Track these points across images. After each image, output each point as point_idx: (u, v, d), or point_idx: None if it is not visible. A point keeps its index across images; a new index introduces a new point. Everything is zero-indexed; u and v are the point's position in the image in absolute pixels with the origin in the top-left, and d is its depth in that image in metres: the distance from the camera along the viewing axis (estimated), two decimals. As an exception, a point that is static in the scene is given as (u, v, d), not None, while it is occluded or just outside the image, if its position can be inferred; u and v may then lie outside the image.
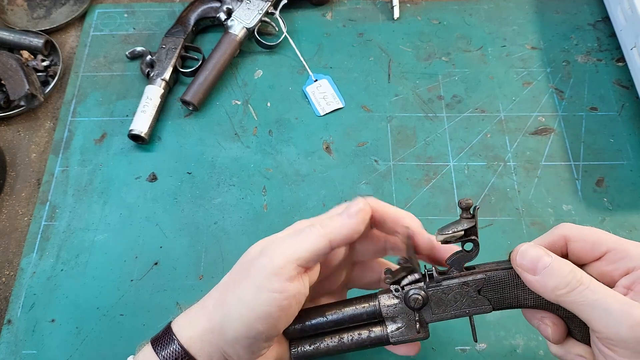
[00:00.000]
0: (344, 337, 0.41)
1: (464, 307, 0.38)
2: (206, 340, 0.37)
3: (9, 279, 0.57)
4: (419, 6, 0.74)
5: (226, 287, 0.38)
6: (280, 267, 0.35)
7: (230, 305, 0.36)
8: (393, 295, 0.39)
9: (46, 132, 0.66)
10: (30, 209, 0.61)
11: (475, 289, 0.38)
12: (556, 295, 0.34)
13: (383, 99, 0.66)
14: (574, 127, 0.63)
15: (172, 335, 0.38)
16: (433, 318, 0.39)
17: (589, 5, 0.72)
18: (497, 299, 0.38)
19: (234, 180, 0.61)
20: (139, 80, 0.68)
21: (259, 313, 0.35)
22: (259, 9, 0.69)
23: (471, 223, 0.36)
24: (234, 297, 0.36)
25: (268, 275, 0.35)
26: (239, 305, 0.36)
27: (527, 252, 0.35)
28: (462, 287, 0.38)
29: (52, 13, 0.75)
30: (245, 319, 0.36)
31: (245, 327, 0.36)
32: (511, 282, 0.37)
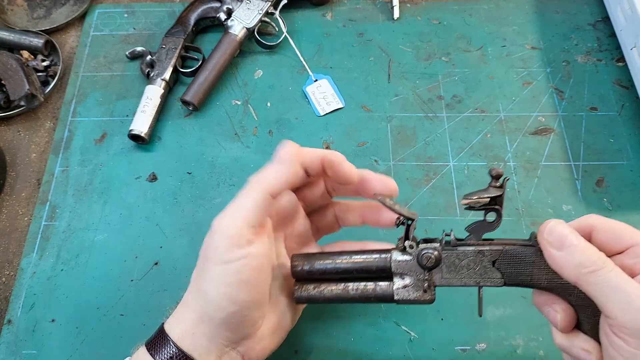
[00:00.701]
0: (349, 286, 0.40)
1: (476, 276, 0.38)
2: (199, 333, 0.38)
3: (9, 279, 0.57)
4: (419, 6, 0.74)
5: (197, 277, 0.39)
6: (234, 236, 0.36)
7: (207, 290, 0.37)
8: (406, 251, 0.39)
9: (46, 132, 0.66)
10: (30, 209, 0.61)
11: (490, 260, 0.37)
12: (578, 274, 0.33)
13: (383, 99, 0.66)
14: (574, 127, 0.63)
15: (166, 336, 0.38)
16: (442, 282, 0.38)
17: (589, 5, 0.72)
18: (510, 274, 0.37)
19: (234, 180, 0.61)
20: (139, 80, 0.68)
21: (235, 284, 0.36)
22: (259, 9, 0.69)
23: (498, 192, 0.36)
24: (206, 281, 0.37)
25: (226, 248, 0.36)
26: (214, 286, 0.36)
27: (555, 228, 0.35)
28: (477, 255, 0.38)
29: (52, 13, 0.75)
30: (226, 294, 0.36)
31: (229, 302, 0.36)
32: (529, 258, 0.37)
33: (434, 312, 0.53)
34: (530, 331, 0.51)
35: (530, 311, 0.52)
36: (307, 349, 0.52)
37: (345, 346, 0.52)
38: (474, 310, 0.52)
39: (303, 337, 0.52)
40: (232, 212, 0.37)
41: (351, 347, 0.52)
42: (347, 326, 0.52)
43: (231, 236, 0.36)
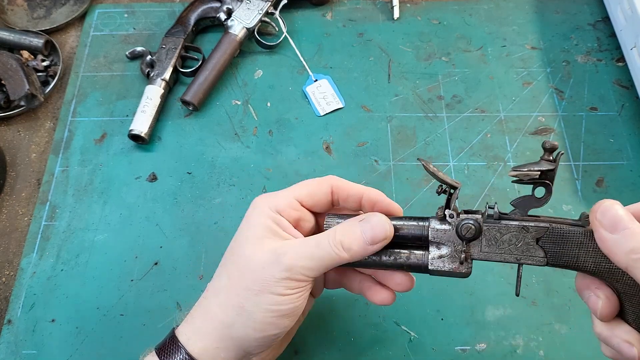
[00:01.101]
0: (383, 252, 0.39)
1: (517, 252, 0.36)
2: (223, 348, 0.38)
3: (9, 279, 0.57)
4: (419, 6, 0.74)
5: (237, 295, 0.38)
6: (302, 281, 0.37)
7: (252, 311, 0.37)
8: (446, 221, 0.37)
9: (46, 132, 0.66)
10: (30, 209, 0.61)
11: (534, 237, 0.35)
12: (629, 259, 0.31)
13: (383, 99, 0.66)
14: (574, 127, 0.63)
15: (178, 345, 0.38)
16: (481, 255, 0.37)
17: (589, 5, 0.72)
18: (554, 253, 0.35)
19: (234, 180, 0.61)
20: (139, 80, 0.68)
21: (286, 310, 0.37)
22: (259, 9, 0.69)
23: (550, 166, 0.34)
24: (255, 304, 0.37)
25: (290, 286, 0.37)
26: (263, 310, 0.37)
27: (610, 209, 0.33)
28: (520, 230, 0.36)
29: (52, 13, 0.75)
30: (273, 319, 0.37)
31: (274, 327, 0.37)
32: (576, 239, 0.34)
33: (434, 312, 0.53)
34: (530, 331, 0.51)
35: (530, 311, 0.52)
36: (307, 349, 0.52)
37: (345, 346, 0.52)
38: (474, 310, 0.53)
39: (303, 337, 0.52)
40: (310, 261, 0.37)
41: (351, 347, 0.52)
42: (347, 326, 0.52)
43: (300, 280, 0.37)
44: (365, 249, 0.38)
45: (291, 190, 0.41)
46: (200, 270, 0.56)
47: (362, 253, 0.38)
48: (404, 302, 0.53)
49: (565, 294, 0.53)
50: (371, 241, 0.37)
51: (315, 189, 0.41)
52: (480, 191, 0.59)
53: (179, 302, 0.54)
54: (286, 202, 0.40)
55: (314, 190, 0.41)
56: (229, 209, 0.60)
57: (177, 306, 0.54)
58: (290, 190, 0.41)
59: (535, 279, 0.54)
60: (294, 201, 0.40)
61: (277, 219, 0.39)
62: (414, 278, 0.41)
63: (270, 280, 0.36)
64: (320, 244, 0.38)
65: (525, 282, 0.54)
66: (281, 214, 0.39)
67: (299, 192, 0.41)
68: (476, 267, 0.54)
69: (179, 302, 0.54)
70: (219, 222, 0.59)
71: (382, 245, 0.38)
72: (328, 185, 0.41)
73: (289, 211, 0.40)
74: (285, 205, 0.40)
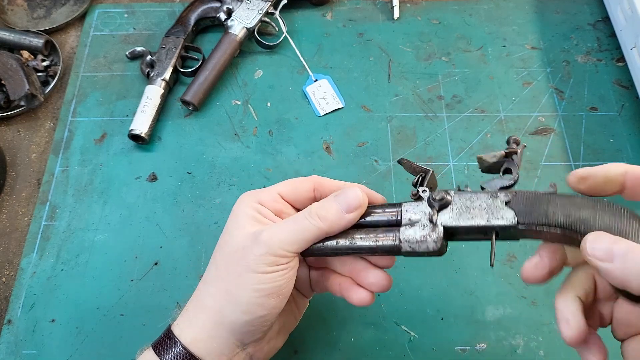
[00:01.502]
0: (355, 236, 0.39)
1: (486, 215, 0.36)
2: (215, 336, 0.38)
3: (9, 279, 0.57)
4: (419, 6, 0.74)
5: (223, 281, 0.39)
6: (281, 256, 0.37)
7: (239, 294, 0.37)
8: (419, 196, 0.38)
9: (46, 132, 0.66)
10: (30, 209, 0.61)
11: (502, 200, 0.36)
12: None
13: (383, 99, 0.66)
14: (574, 127, 0.63)
15: (174, 339, 0.38)
16: (452, 222, 0.36)
17: (589, 5, 0.72)
18: (524, 212, 0.35)
19: (234, 180, 0.61)
20: (139, 80, 0.68)
21: (269, 290, 0.37)
22: (259, 9, 0.69)
23: (513, 150, 0.36)
24: (239, 286, 0.37)
25: (269, 262, 0.37)
26: (248, 291, 0.37)
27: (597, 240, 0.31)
28: (490, 196, 0.36)
29: (52, 13, 0.75)
30: (259, 299, 0.37)
31: (260, 307, 0.37)
32: (544, 198, 0.35)
33: (434, 312, 0.53)
34: (530, 331, 0.51)
35: (530, 311, 0.52)
36: (307, 349, 0.52)
37: (345, 346, 0.52)
38: (474, 310, 0.53)
39: (303, 337, 0.52)
40: (287, 234, 0.38)
41: (351, 347, 0.52)
42: (347, 326, 0.53)
43: (278, 255, 0.37)
44: (340, 217, 0.38)
45: (274, 186, 0.42)
46: (200, 270, 0.56)
47: (338, 222, 0.38)
48: (404, 302, 0.53)
49: (565, 294, 0.53)
50: (346, 209, 0.38)
51: (297, 185, 0.42)
52: (480, 191, 0.59)
53: (179, 302, 0.54)
54: (269, 195, 0.41)
55: (296, 186, 0.42)
56: (229, 209, 0.59)
57: (177, 306, 0.54)
58: (274, 186, 0.42)
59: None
60: (277, 195, 0.41)
61: (259, 208, 0.40)
62: (391, 277, 0.41)
63: (250, 259, 0.37)
64: (297, 218, 0.39)
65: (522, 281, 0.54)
66: (264, 204, 0.41)
67: (282, 187, 0.42)
68: (476, 268, 0.54)
69: (179, 302, 0.54)
70: (219, 222, 0.59)
71: (358, 214, 0.39)
72: (310, 182, 0.42)
73: (271, 203, 0.41)
74: (268, 198, 0.41)
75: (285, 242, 0.38)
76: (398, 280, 0.54)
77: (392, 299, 0.54)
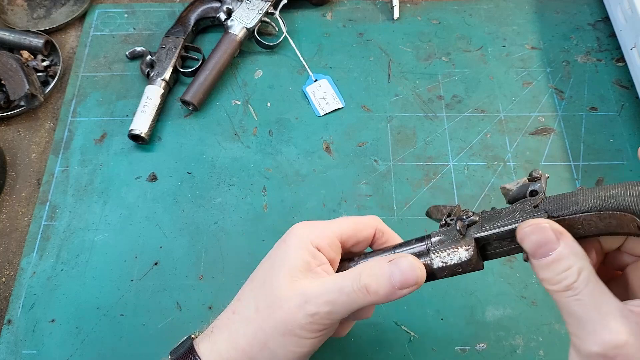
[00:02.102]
0: None
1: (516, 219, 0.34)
2: None
3: (9, 279, 0.57)
4: (419, 6, 0.74)
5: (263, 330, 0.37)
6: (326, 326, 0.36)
7: (278, 352, 0.37)
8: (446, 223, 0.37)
9: (46, 132, 0.66)
10: (30, 209, 0.61)
11: (531, 205, 0.34)
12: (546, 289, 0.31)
13: (383, 99, 0.66)
14: (574, 127, 0.63)
15: (195, 356, 0.38)
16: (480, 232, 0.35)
17: (589, 5, 0.72)
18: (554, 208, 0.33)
19: (234, 180, 0.61)
20: (139, 80, 0.68)
21: (306, 352, 0.37)
22: (259, 9, 0.69)
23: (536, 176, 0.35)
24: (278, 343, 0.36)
25: (315, 329, 0.36)
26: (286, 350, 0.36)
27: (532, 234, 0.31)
28: (518, 205, 0.35)
29: (52, 13, 0.75)
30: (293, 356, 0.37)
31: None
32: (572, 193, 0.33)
33: (434, 312, 0.53)
34: (530, 331, 0.51)
35: (530, 311, 0.52)
36: (307, 349, 0.52)
37: (345, 346, 0.52)
38: (474, 310, 0.53)
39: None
40: (334, 305, 0.36)
41: (351, 347, 0.52)
42: (347, 326, 0.53)
43: (323, 323, 0.36)
44: (392, 294, 0.35)
45: (334, 226, 0.39)
46: (200, 270, 0.56)
47: (388, 298, 0.35)
48: (404, 302, 0.53)
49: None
50: (400, 286, 0.35)
51: (359, 228, 0.40)
52: (480, 191, 0.59)
53: (179, 302, 0.54)
54: (327, 239, 0.39)
55: (358, 229, 0.40)
56: (229, 209, 0.60)
57: (177, 306, 0.54)
58: (334, 226, 0.39)
59: (535, 279, 0.54)
60: (336, 241, 0.39)
61: (315, 253, 0.38)
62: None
63: (295, 325, 0.36)
64: (344, 290, 0.36)
65: (525, 282, 0.54)
66: (321, 250, 0.38)
67: (343, 230, 0.39)
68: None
69: (179, 302, 0.54)
70: (219, 222, 0.59)
71: (412, 290, 0.36)
72: (372, 229, 0.40)
73: (327, 250, 0.39)
74: (326, 243, 0.39)
75: (331, 313, 0.36)
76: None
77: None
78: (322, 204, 0.59)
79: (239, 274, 0.55)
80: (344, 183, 0.61)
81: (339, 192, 0.60)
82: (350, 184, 0.61)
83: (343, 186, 0.60)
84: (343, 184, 0.61)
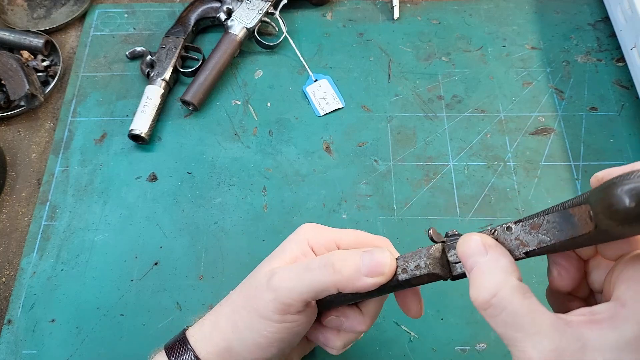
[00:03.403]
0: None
1: None
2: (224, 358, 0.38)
3: (9, 279, 0.57)
4: (419, 6, 0.74)
5: (237, 312, 0.38)
6: (288, 305, 0.35)
7: (244, 332, 0.37)
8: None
9: (46, 132, 0.66)
10: (30, 209, 0.61)
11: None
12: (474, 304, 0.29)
13: (383, 99, 0.66)
14: (574, 127, 0.63)
15: (187, 345, 0.38)
16: None
17: (589, 5, 0.72)
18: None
19: (234, 180, 0.61)
20: (139, 80, 0.68)
21: (272, 339, 0.36)
22: (259, 9, 0.69)
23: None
24: (246, 326, 0.37)
25: (278, 310, 0.35)
26: (252, 334, 0.36)
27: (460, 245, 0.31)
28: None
29: (52, 13, 0.75)
30: (260, 345, 0.37)
31: (260, 351, 0.37)
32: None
33: (434, 312, 0.53)
34: (530, 331, 0.51)
35: (530, 311, 0.52)
36: (307, 349, 0.52)
37: (345, 346, 0.52)
38: (474, 310, 0.53)
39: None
40: (297, 283, 0.35)
41: (351, 347, 0.52)
42: (347, 326, 0.52)
43: (285, 303, 0.35)
44: (357, 279, 0.34)
45: (338, 234, 0.39)
46: (200, 270, 0.56)
47: (352, 282, 0.34)
48: (404, 302, 0.53)
49: (565, 294, 0.53)
50: (366, 272, 0.34)
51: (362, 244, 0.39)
52: (480, 191, 0.59)
53: (179, 302, 0.54)
54: (325, 243, 0.39)
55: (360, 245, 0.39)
56: (229, 209, 0.60)
57: (177, 306, 0.54)
58: (337, 233, 0.39)
59: (535, 279, 0.54)
60: (334, 246, 0.39)
61: (307, 252, 0.38)
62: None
63: (259, 302, 0.36)
64: (310, 265, 0.35)
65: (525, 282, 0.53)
66: (314, 250, 0.39)
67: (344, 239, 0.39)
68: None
69: (179, 302, 0.54)
70: (219, 222, 0.59)
71: (377, 283, 0.34)
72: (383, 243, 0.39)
73: (322, 251, 0.39)
74: (322, 246, 0.39)
75: (293, 291, 0.35)
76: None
77: (392, 299, 0.54)
78: (322, 204, 0.59)
79: (239, 274, 0.55)
80: (344, 183, 0.61)
81: (339, 192, 0.60)
82: (350, 184, 0.61)
83: (343, 186, 0.60)
84: (343, 184, 0.61)
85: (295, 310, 0.36)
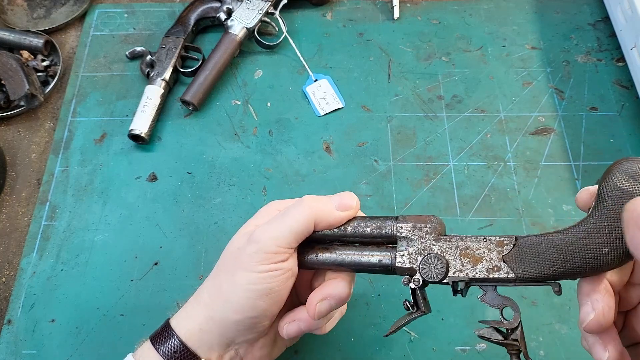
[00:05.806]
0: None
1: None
2: (206, 330, 0.38)
3: (9, 279, 0.57)
4: (419, 6, 0.74)
5: (218, 277, 0.39)
6: (273, 254, 0.37)
7: (230, 292, 0.37)
8: None
9: (46, 132, 0.66)
10: (30, 209, 0.61)
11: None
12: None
13: (383, 99, 0.66)
14: (574, 127, 0.63)
15: (171, 331, 0.39)
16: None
17: (589, 5, 0.72)
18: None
19: (234, 180, 0.61)
20: (139, 80, 0.68)
21: (260, 291, 0.37)
22: (259, 9, 0.69)
23: None
24: (232, 284, 0.37)
25: (262, 260, 0.37)
26: (239, 290, 0.37)
27: None
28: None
29: (52, 13, 0.75)
30: (249, 300, 0.37)
31: (250, 308, 0.37)
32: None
33: (434, 312, 0.53)
34: (530, 331, 0.51)
35: (530, 311, 0.52)
36: (307, 349, 0.52)
37: (345, 346, 0.52)
38: (474, 310, 0.53)
39: (303, 337, 0.52)
40: (277, 229, 0.38)
41: (351, 347, 0.52)
42: (347, 326, 0.52)
43: (270, 252, 0.37)
44: (330, 211, 0.39)
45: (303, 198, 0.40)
46: (200, 270, 0.56)
47: (327, 215, 0.38)
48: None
49: (565, 294, 0.53)
50: (338, 206, 0.39)
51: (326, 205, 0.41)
52: (480, 191, 0.59)
53: (179, 302, 0.54)
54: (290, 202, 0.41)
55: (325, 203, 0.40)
56: (229, 209, 0.60)
57: (177, 306, 0.54)
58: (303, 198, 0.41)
59: (535, 279, 0.54)
60: None
61: (272, 214, 0.41)
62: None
63: (243, 258, 0.37)
64: (287, 210, 0.39)
65: (525, 282, 0.54)
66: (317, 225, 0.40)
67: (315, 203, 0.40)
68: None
69: (179, 302, 0.54)
70: (219, 222, 0.59)
71: (349, 215, 0.39)
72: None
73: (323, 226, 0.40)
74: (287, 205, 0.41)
75: (275, 237, 0.37)
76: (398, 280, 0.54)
77: (393, 299, 0.54)
78: (322, 204, 0.59)
79: (239, 274, 0.55)
80: (344, 183, 0.61)
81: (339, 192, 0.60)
82: (350, 184, 0.61)
83: (343, 186, 0.60)
84: (343, 184, 0.61)
85: (279, 259, 0.37)
